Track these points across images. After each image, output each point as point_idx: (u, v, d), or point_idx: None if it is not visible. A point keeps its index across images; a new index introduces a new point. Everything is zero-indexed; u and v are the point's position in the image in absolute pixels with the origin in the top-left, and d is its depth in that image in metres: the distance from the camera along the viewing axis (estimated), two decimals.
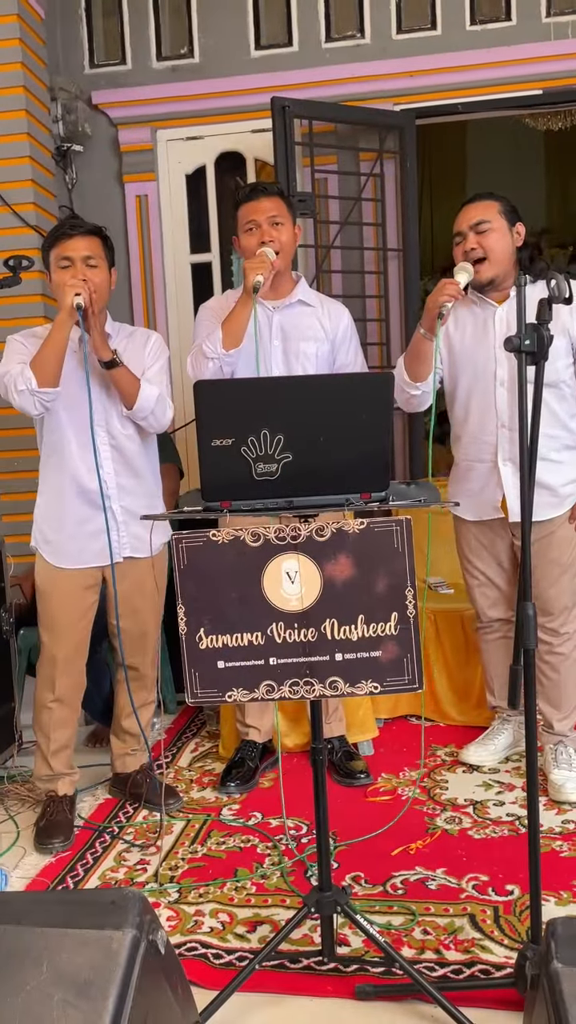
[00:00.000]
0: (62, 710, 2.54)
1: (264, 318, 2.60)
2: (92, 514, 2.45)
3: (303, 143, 3.59)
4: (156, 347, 2.54)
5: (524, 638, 1.62)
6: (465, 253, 2.49)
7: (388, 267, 3.83)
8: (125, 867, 2.35)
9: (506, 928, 1.99)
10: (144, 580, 2.55)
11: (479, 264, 2.49)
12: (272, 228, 2.53)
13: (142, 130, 3.96)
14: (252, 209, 2.55)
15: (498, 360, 2.54)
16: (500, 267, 2.50)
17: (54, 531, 2.49)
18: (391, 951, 1.77)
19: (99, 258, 2.40)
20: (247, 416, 1.52)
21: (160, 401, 2.44)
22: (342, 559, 1.51)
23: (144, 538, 2.49)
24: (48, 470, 2.49)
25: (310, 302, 2.66)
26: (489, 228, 2.49)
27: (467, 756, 2.83)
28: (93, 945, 1.21)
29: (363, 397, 1.55)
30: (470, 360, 2.59)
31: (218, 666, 1.56)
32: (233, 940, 2.01)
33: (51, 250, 2.40)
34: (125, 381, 2.38)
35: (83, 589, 2.50)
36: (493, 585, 2.75)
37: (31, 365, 2.31)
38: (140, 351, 2.50)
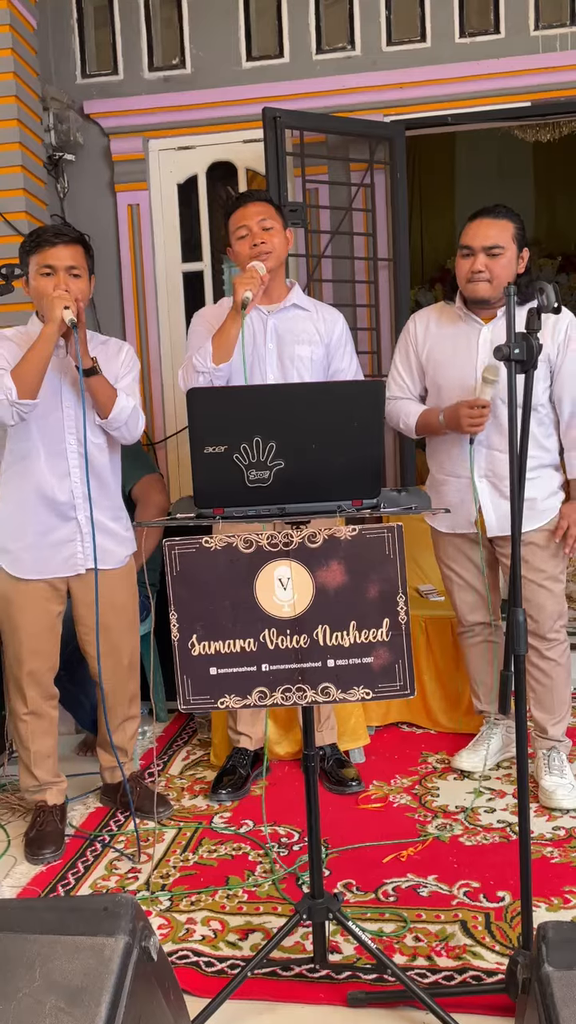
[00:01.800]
0: (37, 722, 2.51)
1: (259, 322, 2.62)
2: (56, 524, 2.42)
3: (294, 153, 3.61)
4: (128, 358, 2.52)
5: (514, 644, 1.63)
6: (472, 272, 2.50)
7: (379, 276, 3.85)
8: (116, 875, 2.34)
9: (497, 934, 2.00)
10: (113, 592, 2.50)
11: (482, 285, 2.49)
12: (263, 232, 2.55)
13: (134, 140, 3.97)
14: (241, 215, 2.57)
15: (477, 377, 2.56)
16: (499, 290, 2.49)
17: (13, 540, 2.43)
18: (383, 958, 1.77)
19: (82, 268, 2.38)
20: (240, 423, 1.53)
21: (135, 412, 2.42)
22: (334, 565, 1.52)
23: (109, 549, 2.47)
24: (11, 478, 2.44)
25: (305, 306, 2.67)
26: (501, 253, 2.48)
27: (459, 763, 2.83)
28: (85, 952, 1.21)
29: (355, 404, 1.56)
30: (451, 375, 2.62)
31: (210, 673, 1.56)
32: (225, 948, 2.01)
33: (32, 255, 2.37)
34: (102, 390, 2.35)
35: (45, 600, 2.45)
36: (471, 589, 2.77)
37: (12, 375, 2.27)
38: (113, 361, 2.48)
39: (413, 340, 2.72)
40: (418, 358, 2.71)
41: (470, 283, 2.52)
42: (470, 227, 2.53)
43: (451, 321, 2.65)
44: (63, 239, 2.36)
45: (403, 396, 2.76)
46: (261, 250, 2.54)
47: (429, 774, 2.84)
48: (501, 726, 2.86)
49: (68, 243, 2.37)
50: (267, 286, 2.61)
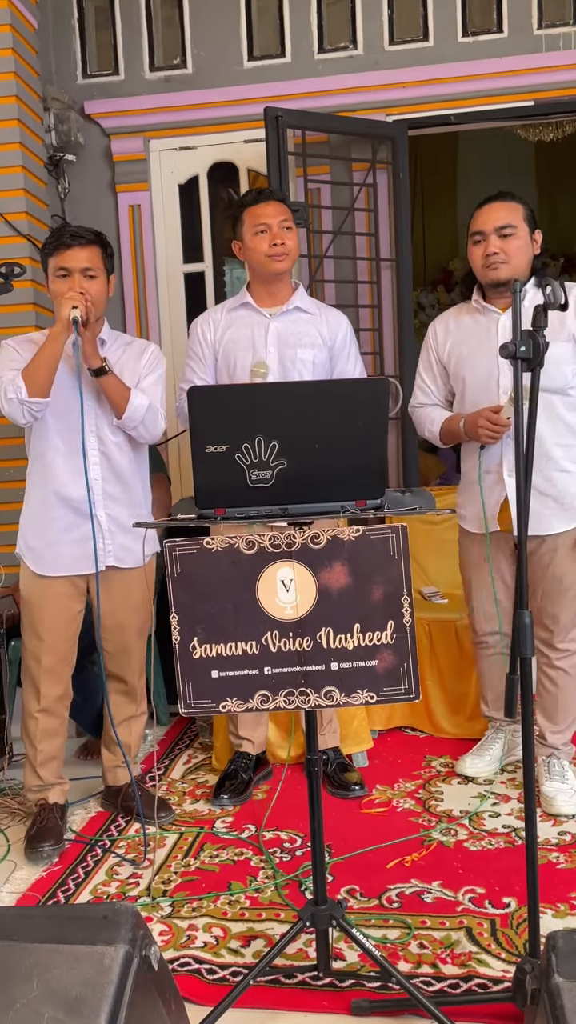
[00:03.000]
0: (48, 720, 2.51)
1: (260, 324, 2.60)
2: (76, 521, 2.42)
3: (296, 153, 3.59)
4: (153, 358, 2.52)
5: (521, 647, 1.61)
6: (486, 256, 2.43)
7: (381, 277, 3.84)
8: (117, 881, 2.31)
9: (503, 941, 1.97)
10: (131, 593, 2.52)
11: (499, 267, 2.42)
12: (283, 232, 2.54)
13: (135, 140, 3.96)
14: (262, 212, 2.55)
15: (501, 369, 2.51)
16: (517, 272, 2.44)
17: (36, 538, 2.46)
18: (387, 965, 1.75)
19: (98, 268, 2.38)
20: (241, 422, 1.51)
21: (150, 411, 2.41)
22: (337, 567, 1.49)
23: (130, 548, 2.47)
24: (34, 476, 2.47)
25: (308, 309, 2.65)
26: (514, 233, 2.43)
27: (463, 768, 2.80)
28: (85, 961, 1.19)
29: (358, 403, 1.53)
30: (473, 369, 2.56)
31: (212, 676, 1.54)
32: (227, 955, 1.98)
33: (50, 258, 2.38)
34: (114, 390, 2.36)
35: (66, 598, 2.47)
36: (491, 599, 2.69)
37: (23, 374, 2.29)
38: (136, 361, 2.48)
39: (434, 343, 2.68)
40: (440, 361, 2.66)
41: (486, 268, 2.44)
42: (479, 213, 2.48)
43: (470, 316, 2.60)
44: (79, 241, 2.35)
45: (428, 403, 2.72)
46: (279, 251, 2.53)
47: (433, 778, 2.81)
48: (506, 732, 2.83)
49: (84, 245, 2.35)
50: (274, 286, 2.60)
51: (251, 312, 2.63)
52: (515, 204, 2.46)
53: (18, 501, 2.58)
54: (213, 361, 2.66)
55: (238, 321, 2.63)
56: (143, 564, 2.52)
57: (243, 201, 2.63)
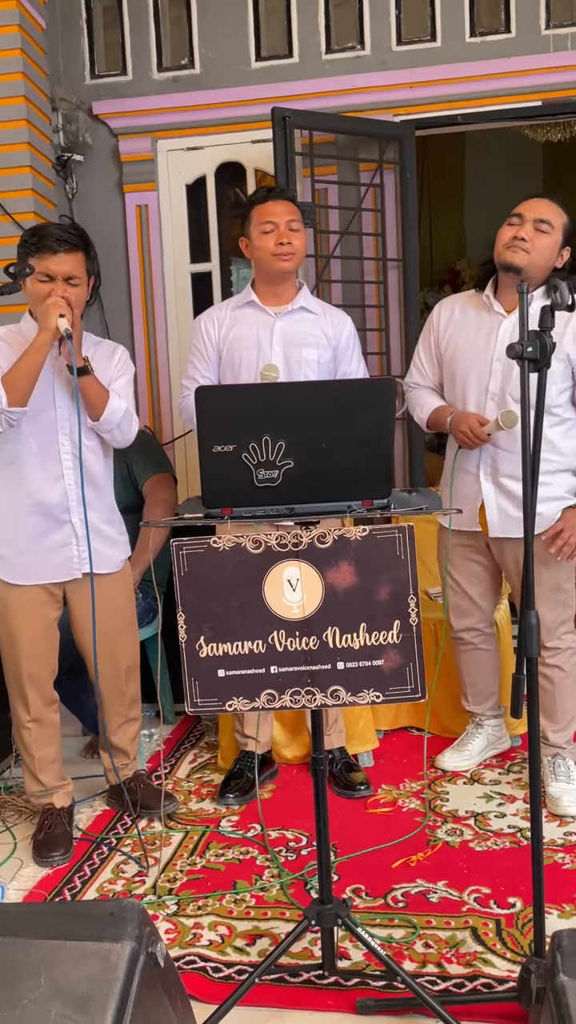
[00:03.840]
0: (40, 729, 2.48)
1: (265, 324, 2.61)
2: (49, 528, 2.38)
3: (303, 153, 3.59)
4: (122, 360, 2.49)
5: (527, 646, 1.61)
6: (514, 238, 2.42)
7: (388, 277, 3.83)
8: (123, 879, 2.32)
9: (508, 941, 1.97)
10: (112, 595, 2.48)
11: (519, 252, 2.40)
12: (290, 232, 2.54)
13: (142, 140, 3.97)
14: (271, 210, 2.55)
15: (492, 372, 2.53)
16: (534, 267, 2.43)
17: (6, 545, 2.40)
18: (393, 964, 1.75)
19: (81, 277, 2.32)
20: (248, 422, 1.51)
21: (127, 415, 2.38)
22: (344, 566, 1.50)
23: (105, 553, 2.44)
24: (3, 481, 2.39)
25: (312, 309, 2.65)
26: (549, 232, 2.43)
27: (442, 762, 2.84)
28: (91, 957, 1.19)
29: (365, 403, 1.53)
30: (466, 367, 2.58)
31: (218, 675, 1.54)
32: (232, 953, 1.99)
33: (31, 258, 2.30)
34: (94, 391, 2.31)
35: (41, 605, 2.43)
36: (465, 595, 2.75)
37: (3, 381, 2.24)
38: (106, 362, 2.44)
39: (436, 327, 2.69)
40: (438, 345, 2.68)
41: (508, 248, 2.43)
42: (526, 202, 2.48)
43: (475, 310, 2.60)
44: (65, 247, 2.28)
45: (423, 384, 2.74)
46: (286, 250, 2.53)
47: (439, 778, 2.81)
48: (487, 727, 2.88)
49: (70, 251, 2.29)
50: (280, 286, 2.60)
51: (256, 311, 2.63)
52: (561, 209, 2.47)
53: None
54: (217, 359, 2.65)
55: (243, 319, 2.63)
56: (118, 569, 2.51)
57: (253, 198, 2.63)
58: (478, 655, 2.83)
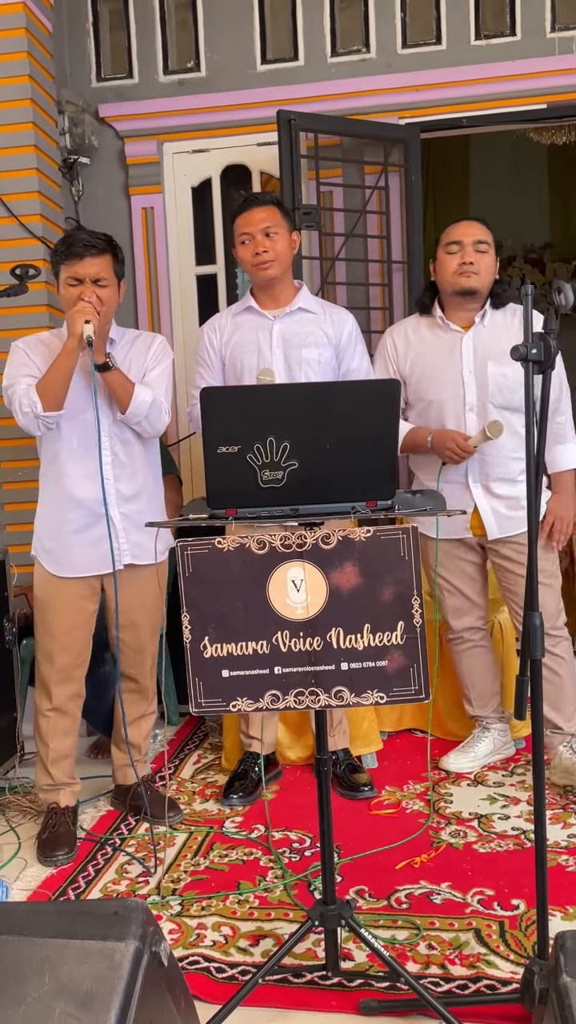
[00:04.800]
0: (60, 719, 2.52)
1: (264, 327, 2.62)
2: (90, 522, 2.44)
3: (308, 156, 3.60)
4: (159, 350, 2.52)
5: (531, 648, 1.61)
6: (462, 264, 2.56)
7: (392, 279, 3.84)
8: (127, 879, 2.33)
9: (512, 943, 1.97)
10: (145, 591, 2.53)
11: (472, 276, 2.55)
12: (265, 239, 2.55)
13: (148, 143, 3.98)
14: (246, 220, 2.58)
15: (466, 384, 2.61)
16: (484, 286, 2.60)
17: (52, 539, 2.47)
18: (396, 966, 1.75)
19: (109, 278, 2.38)
20: (253, 423, 1.52)
21: (154, 406, 2.41)
22: (348, 567, 1.50)
23: (145, 545, 2.48)
24: (47, 479, 2.48)
25: (311, 309, 2.66)
26: (487, 251, 2.60)
27: (447, 764, 2.86)
28: (95, 956, 1.20)
29: (370, 404, 1.54)
30: (439, 388, 2.65)
31: (222, 675, 1.55)
32: (236, 954, 1.99)
33: (61, 265, 2.38)
34: (118, 385, 2.36)
35: (81, 598, 2.48)
36: (460, 594, 2.80)
37: (37, 388, 2.31)
38: (143, 355, 2.50)
39: (393, 355, 2.76)
40: (399, 372, 2.75)
41: (460, 276, 2.57)
42: (457, 226, 2.64)
43: (430, 331, 2.68)
44: (91, 251, 2.34)
45: None
46: (263, 259, 2.55)
47: (442, 780, 2.81)
48: (493, 731, 2.90)
49: (96, 255, 2.35)
50: (273, 289, 2.62)
51: (255, 316, 2.65)
52: (487, 230, 2.63)
53: (31, 501, 2.60)
54: (220, 366, 2.69)
55: (243, 325, 2.66)
56: (157, 561, 2.53)
57: (234, 211, 2.66)
58: (478, 653, 2.85)
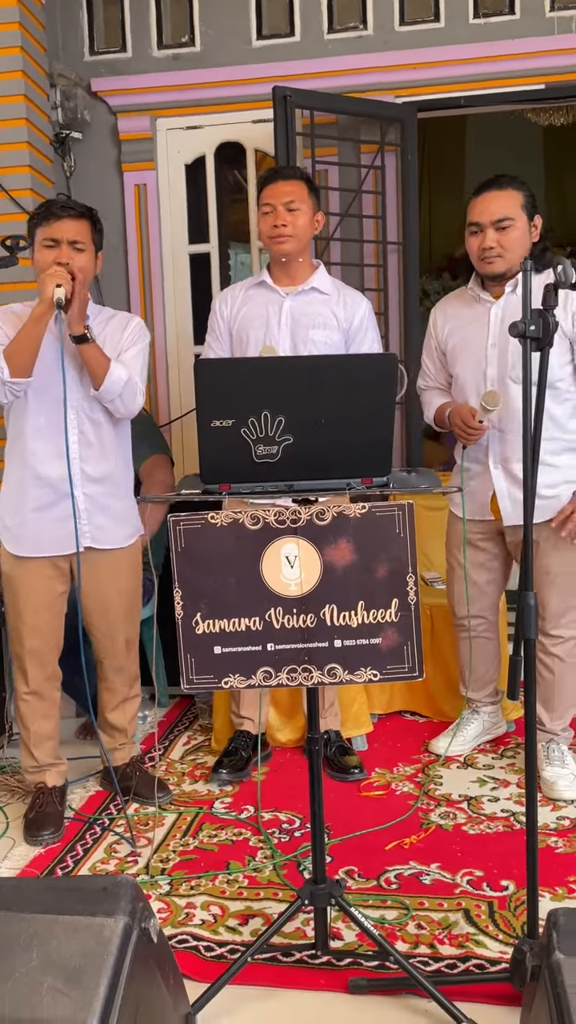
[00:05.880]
0: (39, 703, 2.49)
1: (275, 303, 2.59)
2: (52, 500, 2.38)
3: (304, 134, 3.55)
4: (136, 331, 2.47)
5: (525, 628, 1.60)
6: (482, 250, 2.44)
7: (388, 260, 3.81)
8: (116, 859, 2.32)
9: (501, 923, 1.97)
10: (118, 575, 2.48)
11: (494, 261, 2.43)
12: (287, 213, 2.52)
13: (141, 118, 3.92)
14: (271, 192, 2.55)
15: (488, 359, 2.53)
16: (514, 264, 2.45)
17: (11, 517, 2.42)
18: (385, 944, 1.75)
19: (86, 242, 2.34)
20: (248, 396, 1.49)
21: (129, 385, 2.36)
22: (343, 544, 1.48)
23: (108, 530, 2.43)
24: (12, 456, 2.42)
25: (325, 290, 2.62)
26: (511, 225, 2.41)
27: (436, 747, 2.85)
28: (84, 932, 1.19)
29: (367, 378, 1.51)
30: (464, 359, 2.59)
31: (215, 652, 1.53)
32: (225, 933, 1.98)
33: (37, 229, 2.34)
34: (93, 359, 2.30)
35: (48, 579, 2.43)
36: (471, 581, 2.74)
37: (5, 354, 2.26)
38: (118, 334, 2.44)
39: (434, 330, 2.72)
40: (440, 347, 2.70)
41: (483, 261, 2.47)
42: (476, 203, 2.47)
43: (466, 304, 2.62)
44: (69, 212, 2.32)
45: (430, 385, 2.77)
46: (280, 232, 2.51)
47: (432, 762, 2.81)
48: (483, 713, 2.88)
49: (74, 216, 2.33)
50: (288, 266, 2.58)
51: (267, 291, 2.62)
52: (513, 192, 2.43)
53: None
54: (228, 338, 2.67)
55: (254, 299, 2.63)
56: (123, 545, 2.49)
57: (261, 179, 2.64)
58: (480, 644, 2.81)
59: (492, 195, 2.43)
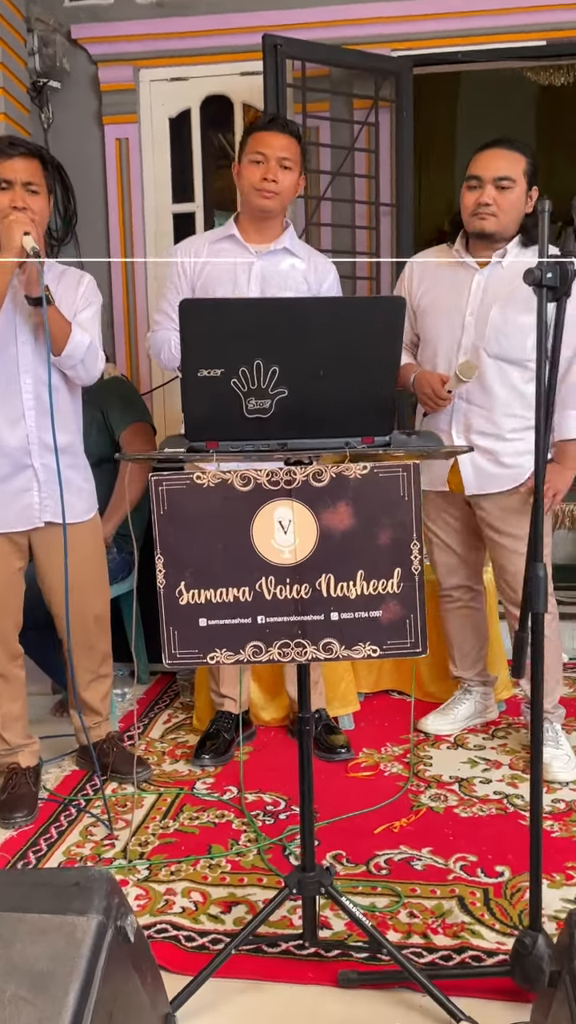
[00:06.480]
0: (4, 685, 2.35)
1: (243, 263, 2.45)
2: (9, 472, 2.22)
3: (295, 86, 3.39)
4: (89, 290, 2.32)
5: (533, 601, 1.49)
6: (478, 204, 2.34)
7: (380, 223, 3.66)
8: (92, 842, 2.21)
9: (497, 912, 1.88)
10: (83, 545, 2.33)
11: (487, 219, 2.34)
12: (280, 169, 2.38)
13: (124, 68, 3.73)
14: (266, 141, 2.38)
15: (465, 327, 2.44)
16: (505, 228, 2.38)
17: None
18: (378, 936, 1.65)
19: (40, 185, 2.17)
20: (239, 343, 1.34)
21: (91, 350, 2.21)
22: (341, 507, 1.36)
23: (69, 503, 2.24)
24: None
25: (296, 252, 2.51)
26: (511, 187, 2.33)
27: (425, 725, 2.77)
28: (53, 933, 1.07)
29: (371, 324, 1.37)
30: (436, 324, 2.48)
31: (200, 624, 1.40)
32: (206, 921, 1.88)
33: None
34: (56, 323, 2.12)
35: (3, 555, 2.28)
36: (450, 550, 2.68)
37: None
38: (71, 293, 2.28)
39: (407, 283, 2.59)
40: (411, 303, 2.57)
41: (475, 216, 2.37)
42: (480, 156, 2.38)
43: (448, 265, 2.50)
44: (19, 150, 2.13)
45: None
46: (269, 187, 2.37)
47: (421, 742, 2.72)
48: (475, 693, 2.81)
49: (26, 155, 2.13)
50: (263, 223, 2.45)
51: (236, 247, 2.47)
52: (518, 155, 2.36)
53: None
54: (191, 294, 2.49)
55: (221, 254, 2.48)
56: (83, 519, 2.36)
57: (253, 124, 2.47)
58: (467, 613, 2.75)
59: (499, 152, 2.36)
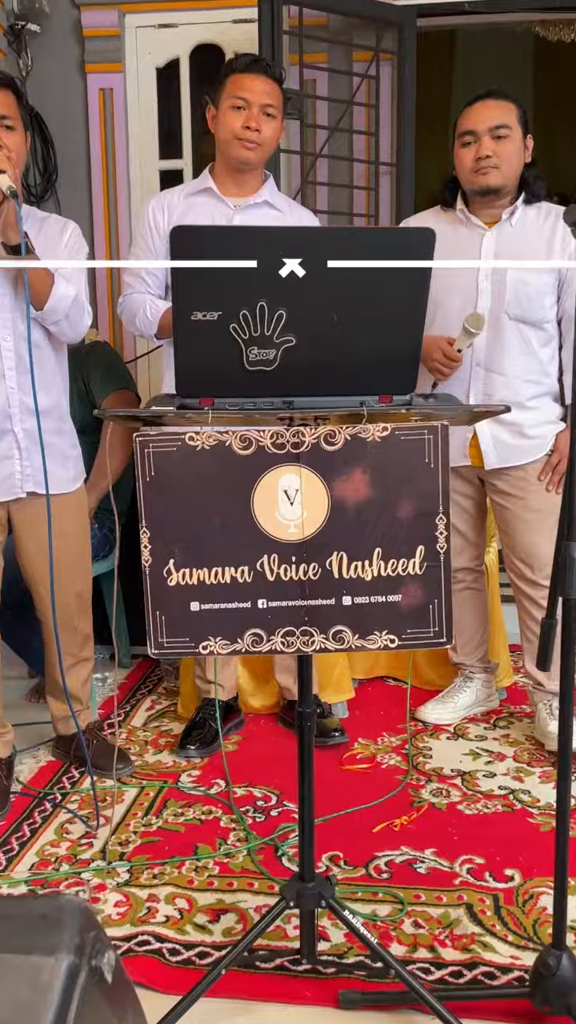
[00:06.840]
0: None
1: (222, 217, 2.27)
2: None
3: (291, 33, 3.18)
4: (75, 240, 2.14)
5: (567, 584, 1.32)
6: (477, 160, 2.22)
7: (380, 183, 3.47)
8: (68, 841, 2.04)
9: (509, 921, 1.73)
10: (64, 518, 2.15)
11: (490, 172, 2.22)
12: (263, 116, 2.20)
13: (108, 13, 3.50)
14: (248, 85, 2.19)
15: (480, 291, 2.30)
16: (509, 180, 2.26)
17: None
18: (383, 953, 1.50)
19: (15, 119, 1.98)
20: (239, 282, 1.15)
21: (77, 303, 2.03)
22: (356, 475, 1.18)
23: (52, 472, 2.04)
24: None
25: (277, 205, 2.34)
26: (508, 135, 2.23)
27: (424, 714, 2.65)
28: (14, 976, 0.89)
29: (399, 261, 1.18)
30: (449, 289, 2.32)
31: (191, 608, 1.22)
32: (192, 932, 1.72)
33: None
34: (36, 275, 1.94)
35: None
36: (457, 531, 2.55)
37: None
38: (55, 242, 2.10)
39: None
40: None
41: (477, 173, 2.24)
42: (471, 111, 2.26)
43: (450, 226, 2.34)
44: None
45: None
46: (251, 136, 2.20)
47: (419, 732, 2.57)
48: (477, 680, 2.68)
49: None
50: (242, 175, 2.26)
51: (213, 200, 2.29)
52: (509, 104, 2.26)
53: None
54: (165, 252, 2.29)
55: (196, 208, 2.29)
56: (68, 491, 2.19)
57: (231, 65, 2.25)
58: (470, 595, 2.62)
59: (490, 103, 2.26)
